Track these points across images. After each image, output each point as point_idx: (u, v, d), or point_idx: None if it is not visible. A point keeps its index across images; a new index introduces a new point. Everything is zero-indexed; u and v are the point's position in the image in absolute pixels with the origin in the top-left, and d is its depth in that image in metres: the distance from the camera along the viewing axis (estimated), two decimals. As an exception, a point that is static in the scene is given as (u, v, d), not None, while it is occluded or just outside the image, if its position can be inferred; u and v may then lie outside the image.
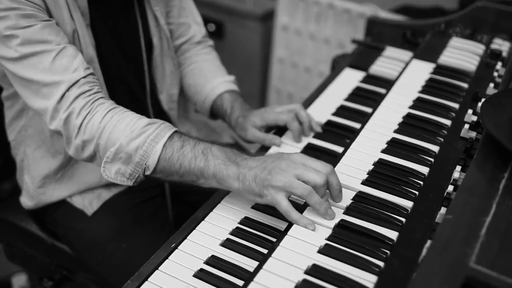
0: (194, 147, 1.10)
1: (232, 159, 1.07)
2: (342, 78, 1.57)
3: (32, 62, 1.13)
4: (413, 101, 1.38)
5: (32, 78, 1.14)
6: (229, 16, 2.96)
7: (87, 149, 1.15)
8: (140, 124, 1.11)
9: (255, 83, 3.06)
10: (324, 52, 2.76)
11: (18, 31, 1.12)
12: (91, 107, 1.14)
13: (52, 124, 1.15)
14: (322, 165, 1.02)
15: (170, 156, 1.09)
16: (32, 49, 1.13)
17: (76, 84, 1.14)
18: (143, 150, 1.09)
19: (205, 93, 1.50)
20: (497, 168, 0.98)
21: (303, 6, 2.74)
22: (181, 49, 1.58)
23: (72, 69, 1.14)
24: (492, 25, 1.77)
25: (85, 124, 1.13)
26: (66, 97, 1.13)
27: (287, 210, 1.00)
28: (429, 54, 1.60)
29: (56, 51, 1.14)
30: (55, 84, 1.13)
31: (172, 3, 1.50)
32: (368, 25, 1.85)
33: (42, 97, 1.15)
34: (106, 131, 1.12)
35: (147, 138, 1.10)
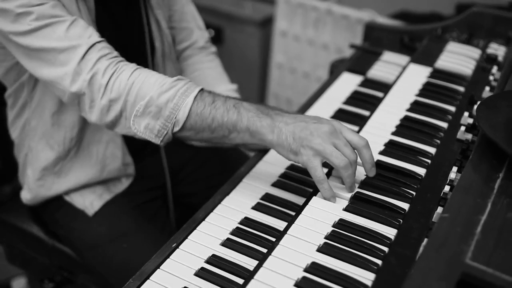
0: (225, 101, 1.10)
1: (264, 112, 1.09)
2: (341, 82, 1.59)
3: (46, 32, 1.14)
4: (411, 104, 1.40)
5: (46, 46, 1.14)
6: (228, 22, 2.98)
7: (112, 109, 1.13)
8: (169, 80, 1.12)
9: (254, 88, 3.08)
10: (322, 58, 2.78)
11: (32, 8, 1.12)
12: (116, 66, 1.14)
13: (73, 87, 1.14)
14: (358, 138, 1.05)
15: (202, 110, 1.09)
16: (46, 21, 1.13)
17: (94, 47, 1.14)
18: (173, 103, 1.09)
19: None
20: (492, 168, 1.00)
21: (302, 12, 2.76)
22: (184, 54, 1.59)
23: (87, 35, 1.15)
24: (488, 30, 1.79)
25: (112, 82, 1.12)
26: (87, 59, 1.13)
27: (321, 177, 1.03)
28: (426, 58, 1.62)
29: (69, 21, 1.15)
30: (72, 48, 1.13)
31: (174, 8, 1.52)
32: (366, 30, 1.88)
33: (59, 65, 1.14)
34: (135, 87, 1.11)
35: (177, 91, 1.10)
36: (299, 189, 1.15)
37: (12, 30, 1.15)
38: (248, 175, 1.21)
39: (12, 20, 1.14)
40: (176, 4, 1.52)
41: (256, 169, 1.22)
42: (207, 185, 1.51)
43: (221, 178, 1.29)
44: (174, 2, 1.52)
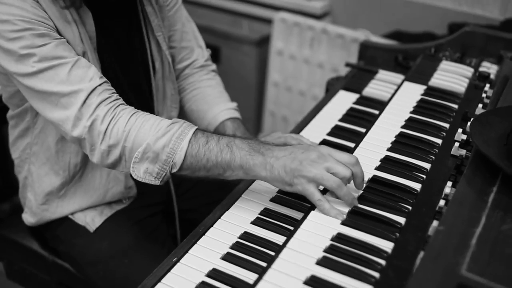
0: (218, 141, 1.14)
1: (256, 148, 1.13)
2: (337, 100, 1.61)
3: (49, 75, 1.17)
4: (405, 121, 1.42)
5: (50, 90, 1.17)
6: (225, 41, 3.02)
7: (112, 154, 1.17)
8: (164, 124, 1.16)
9: (250, 106, 3.11)
10: (318, 76, 2.82)
11: (35, 50, 1.16)
12: (114, 112, 1.17)
13: (75, 132, 1.17)
14: (347, 157, 1.10)
15: (196, 152, 1.13)
16: (49, 64, 1.17)
17: (95, 92, 1.17)
18: (169, 148, 1.13)
19: (207, 120, 1.53)
20: (486, 182, 1.03)
21: (298, 31, 2.80)
22: (184, 73, 1.61)
23: (88, 78, 1.18)
24: (480, 49, 1.82)
25: (110, 129, 1.16)
26: (88, 104, 1.16)
27: (320, 200, 1.08)
28: (420, 76, 1.65)
29: (71, 63, 1.18)
30: (73, 93, 1.16)
31: (175, 28, 1.53)
32: (361, 49, 1.91)
33: (61, 108, 1.18)
34: (132, 134, 1.15)
35: (172, 136, 1.14)
36: (297, 204, 1.17)
37: (16, 71, 1.18)
38: (247, 190, 1.23)
39: (15, 60, 1.17)
40: (176, 24, 1.54)
41: (255, 184, 1.24)
42: (207, 201, 1.52)
43: (221, 194, 1.31)
44: (175, 22, 1.53)
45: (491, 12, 2.59)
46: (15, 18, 1.15)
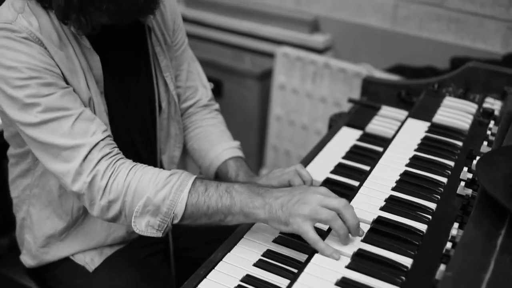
0: (217, 188, 1.15)
1: (255, 191, 1.13)
2: (340, 137, 1.60)
3: (52, 127, 1.17)
4: (410, 159, 1.41)
5: (52, 142, 1.17)
6: (227, 75, 3.02)
7: (112, 209, 1.18)
8: (163, 176, 1.16)
9: (253, 140, 3.10)
10: (320, 111, 2.81)
11: (40, 99, 1.16)
12: (114, 167, 1.18)
13: (75, 186, 1.18)
14: (336, 202, 1.09)
15: (196, 201, 1.14)
16: (52, 115, 1.17)
17: (97, 147, 1.18)
18: (170, 200, 1.14)
19: (209, 159, 1.52)
20: (494, 225, 1.01)
21: (300, 65, 2.81)
22: (188, 112, 1.61)
23: (90, 132, 1.19)
24: (483, 84, 1.82)
25: (110, 184, 1.17)
26: (89, 160, 1.17)
27: (314, 239, 1.06)
28: (424, 113, 1.64)
29: (75, 116, 1.18)
30: (75, 147, 1.17)
31: (181, 67, 1.54)
32: (364, 84, 1.90)
33: (62, 161, 1.18)
34: (132, 188, 1.16)
35: (172, 187, 1.15)
36: (300, 245, 1.14)
37: (19, 119, 1.18)
38: (249, 231, 1.21)
39: (19, 109, 1.17)
40: (183, 64, 1.54)
41: (257, 224, 1.22)
42: (208, 240, 1.50)
43: (222, 233, 1.30)
44: (181, 62, 1.54)
45: (493, 46, 2.59)
46: (22, 65, 1.15)
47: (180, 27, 1.54)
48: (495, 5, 2.52)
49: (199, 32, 3.22)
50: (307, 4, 3.01)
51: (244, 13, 3.12)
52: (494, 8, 2.52)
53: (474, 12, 2.57)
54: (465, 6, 2.58)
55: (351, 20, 2.90)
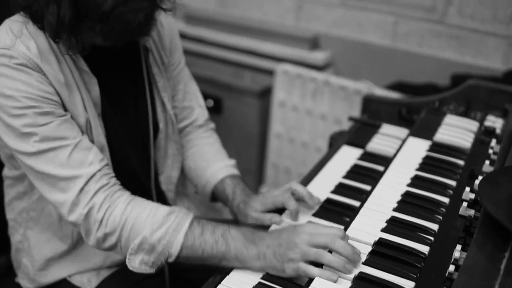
0: (213, 232, 1.16)
1: (250, 238, 1.13)
2: (340, 156, 1.59)
3: (49, 157, 1.17)
4: (411, 179, 1.39)
5: (48, 172, 1.17)
6: (227, 92, 3.02)
7: (108, 240, 1.18)
8: (160, 215, 1.17)
9: (252, 158, 3.08)
10: (321, 128, 2.80)
11: (37, 129, 1.15)
12: (111, 200, 1.18)
13: (71, 217, 1.18)
14: (323, 237, 1.08)
15: (192, 244, 1.15)
16: (49, 145, 1.17)
17: (94, 178, 1.18)
18: (166, 240, 1.15)
19: (206, 178, 1.51)
20: (497, 248, 0.99)
21: (300, 83, 2.80)
22: (184, 131, 1.60)
23: (87, 162, 1.19)
24: (484, 102, 1.81)
25: (107, 217, 1.17)
26: (86, 191, 1.17)
27: (314, 273, 1.05)
28: (425, 131, 1.63)
29: (72, 145, 1.18)
30: (72, 178, 1.17)
31: (178, 87, 1.53)
32: (364, 102, 1.89)
33: (59, 190, 1.18)
34: (129, 223, 1.16)
35: (168, 228, 1.16)
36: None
37: (17, 148, 1.18)
38: (248, 253, 1.19)
39: (16, 137, 1.17)
40: (180, 84, 1.54)
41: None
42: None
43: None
44: (178, 82, 1.53)
45: (494, 62, 2.59)
46: (19, 94, 1.14)
47: (177, 47, 1.53)
48: (495, 22, 2.51)
49: (199, 49, 3.22)
50: (307, 21, 3.01)
51: (244, 30, 3.12)
52: (495, 24, 2.52)
53: (474, 28, 2.57)
54: (466, 22, 2.58)
55: (351, 37, 2.90)
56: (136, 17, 1.18)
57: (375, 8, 2.78)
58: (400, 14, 2.72)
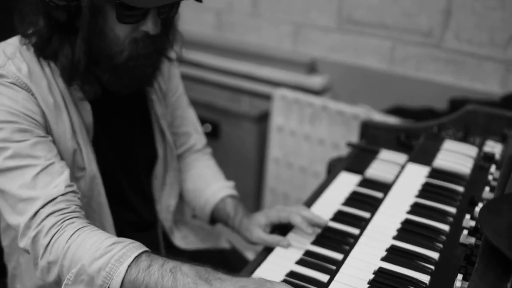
0: (162, 266, 1.02)
1: (203, 277, 1.01)
2: (339, 182, 1.57)
3: (14, 175, 1.11)
4: (411, 206, 1.38)
5: (10, 191, 1.11)
6: (225, 117, 3.01)
7: (52, 271, 1.08)
8: (105, 243, 1.05)
9: (250, 183, 3.07)
10: (319, 153, 2.79)
11: (10, 144, 1.12)
12: (61, 226, 1.09)
13: (21, 242, 1.11)
14: None
15: (135, 277, 1.01)
16: (18, 163, 1.12)
17: (52, 202, 1.10)
18: (106, 272, 1.01)
19: (205, 197, 1.50)
20: (499, 278, 0.97)
21: (298, 107, 2.80)
22: (181, 156, 1.59)
23: (52, 186, 1.12)
24: (483, 127, 1.80)
25: (52, 244, 1.07)
26: (39, 214, 1.09)
27: None
28: (424, 157, 1.62)
29: (41, 166, 1.13)
30: (31, 200, 1.10)
31: (176, 114, 1.53)
32: (363, 127, 1.89)
33: (16, 213, 1.11)
34: (70, 252, 1.05)
35: (111, 258, 1.02)
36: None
37: None
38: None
39: None
40: (178, 110, 1.54)
41: (256, 275, 1.19)
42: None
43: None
44: (176, 108, 1.53)
45: (491, 86, 2.59)
46: (2, 108, 1.13)
47: (175, 73, 1.54)
48: (492, 46, 2.52)
49: (196, 74, 3.22)
50: (304, 46, 3.02)
51: (241, 55, 3.13)
52: (492, 49, 2.53)
53: (471, 53, 2.58)
54: (463, 47, 2.59)
55: (348, 61, 2.90)
56: (145, 71, 1.20)
57: (372, 32, 2.79)
58: (397, 39, 2.73)
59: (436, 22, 2.60)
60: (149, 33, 1.18)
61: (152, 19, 1.17)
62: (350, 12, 2.82)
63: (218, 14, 3.25)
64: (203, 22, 3.31)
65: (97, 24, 1.14)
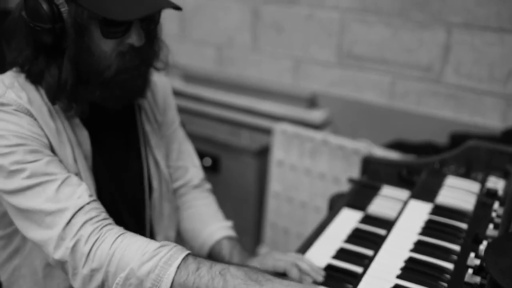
0: (210, 268, 1.04)
1: (253, 277, 1.02)
2: (341, 219, 1.56)
3: (36, 192, 1.13)
4: (414, 244, 1.36)
5: (34, 208, 1.13)
6: (225, 151, 3.01)
7: (95, 279, 1.08)
8: (152, 247, 1.07)
9: (250, 217, 3.04)
10: (319, 187, 2.77)
11: (26, 165, 1.13)
12: (100, 233, 1.11)
13: (57, 254, 1.10)
14: None
15: (185, 280, 1.02)
16: (37, 180, 1.13)
17: (82, 211, 1.12)
18: (155, 274, 1.03)
19: (202, 239, 1.48)
20: (507, 320, 0.95)
21: (298, 142, 2.79)
22: (179, 192, 1.58)
23: (76, 196, 1.14)
24: (485, 163, 1.79)
25: (94, 251, 1.08)
26: (72, 224, 1.11)
27: None
28: (426, 194, 1.60)
29: (61, 180, 1.15)
30: (59, 212, 1.12)
31: (172, 147, 1.53)
32: (364, 163, 1.88)
33: (45, 227, 1.12)
34: (116, 257, 1.07)
35: (159, 260, 1.04)
36: None
37: (3, 188, 1.15)
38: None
39: (5, 177, 1.14)
40: (173, 143, 1.54)
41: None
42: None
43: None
44: (172, 141, 1.53)
45: (492, 121, 2.59)
46: (9, 133, 1.14)
47: (171, 106, 1.54)
48: (492, 81, 2.53)
49: (197, 108, 3.23)
50: (304, 80, 3.03)
51: (242, 89, 3.14)
52: (491, 83, 2.54)
53: (471, 87, 2.58)
54: (462, 81, 2.60)
55: (348, 96, 2.91)
56: (135, 82, 1.22)
57: (372, 67, 2.80)
58: (397, 74, 2.74)
59: (436, 57, 2.62)
60: (134, 45, 1.19)
61: (135, 31, 1.19)
62: (350, 47, 2.84)
63: (218, 48, 3.27)
64: (204, 57, 3.33)
65: (83, 42, 1.16)
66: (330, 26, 2.86)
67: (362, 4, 2.74)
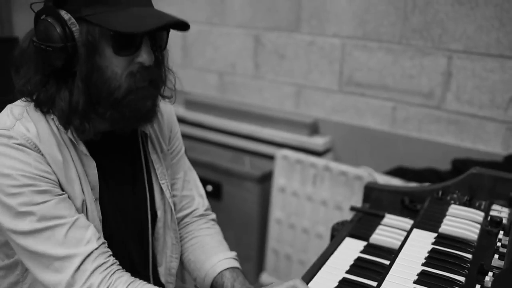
0: None
1: None
2: (343, 248, 1.54)
3: (46, 236, 1.14)
4: (418, 275, 1.34)
5: (44, 252, 1.13)
6: (227, 177, 3.00)
7: None
8: None
9: (252, 244, 3.02)
10: (321, 214, 2.76)
11: (34, 208, 1.13)
12: (110, 281, 1.13)
13: None
14: None
15: None
16: (46, 224, 1.14)
17: (91, 257, 1.14)
18: None
19: (205, 270, 1.47)
20: None
21: (300, 168, 2.79)
22: (183, 221, 1.58)
23: (85, 241, 1.15)
24: (488, 191, 1.78)
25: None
26: (82, 270, 1.12)
27: None
28: (429, 223, 1.59)
29: (70, 223, 1.15)
30: (68, 257, 1.13)
31: (177, 176, 1.53)
32: (366, 191, 1.87)
33: (54, 271, 1.13)
34: None
35: None
36: None
37: (11, 228, 1.15)
38: None
39: (13, 217, 1.14)
40: (179, 172, 1.53)
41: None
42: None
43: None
44: (177, 170, 1.53)
45: (494, 147, 2.59)
46: (17, 172, 1.14)
47: (176, 136, 1.54)
48: (493, 107, 2.53)
49: (199, 134, 3.23)
50: (306, 107, 3.04)
51: (244, 116, 3.14)
52: (493, 110, 2.54)
53: (472, 114, 2.59)
54: (464, 108, 2.60)
55: (350, 122, 2.91)
56: (145, 104, 1.22)
57: (374, 94, 2.81)
58: (399, 100, 2.74)
59: (437, 83, 2.62)
60: (144, 64, 1.20)
61: (145, 49, 1.20)
62: (351, 74, 2.85)
63: (220, 75, 3.29)
64: (206, 83, 3.34)
65: (95, 61, 1.17)
66: (331, 53, 2.87)
67: (363, 31, 2.76)
